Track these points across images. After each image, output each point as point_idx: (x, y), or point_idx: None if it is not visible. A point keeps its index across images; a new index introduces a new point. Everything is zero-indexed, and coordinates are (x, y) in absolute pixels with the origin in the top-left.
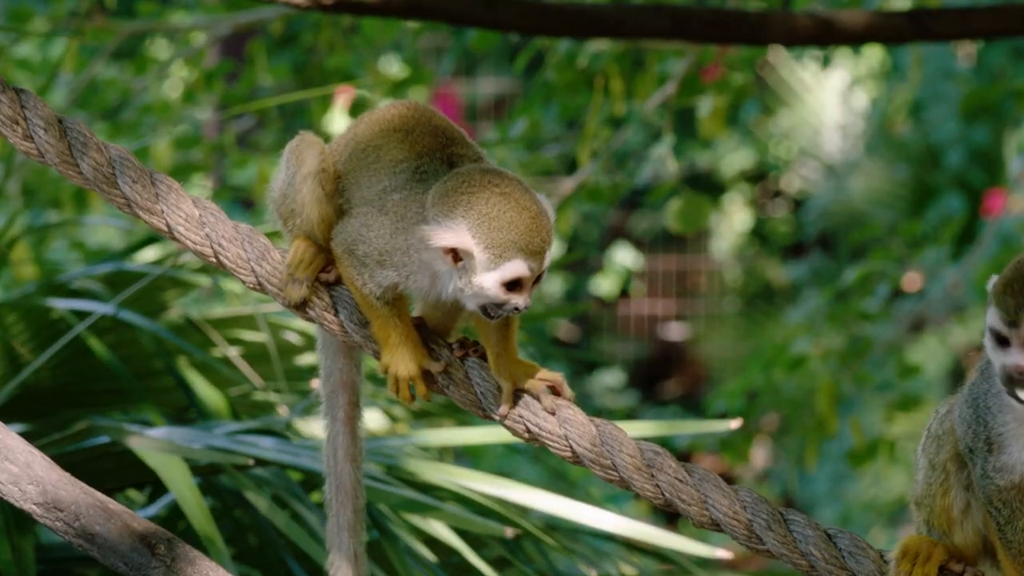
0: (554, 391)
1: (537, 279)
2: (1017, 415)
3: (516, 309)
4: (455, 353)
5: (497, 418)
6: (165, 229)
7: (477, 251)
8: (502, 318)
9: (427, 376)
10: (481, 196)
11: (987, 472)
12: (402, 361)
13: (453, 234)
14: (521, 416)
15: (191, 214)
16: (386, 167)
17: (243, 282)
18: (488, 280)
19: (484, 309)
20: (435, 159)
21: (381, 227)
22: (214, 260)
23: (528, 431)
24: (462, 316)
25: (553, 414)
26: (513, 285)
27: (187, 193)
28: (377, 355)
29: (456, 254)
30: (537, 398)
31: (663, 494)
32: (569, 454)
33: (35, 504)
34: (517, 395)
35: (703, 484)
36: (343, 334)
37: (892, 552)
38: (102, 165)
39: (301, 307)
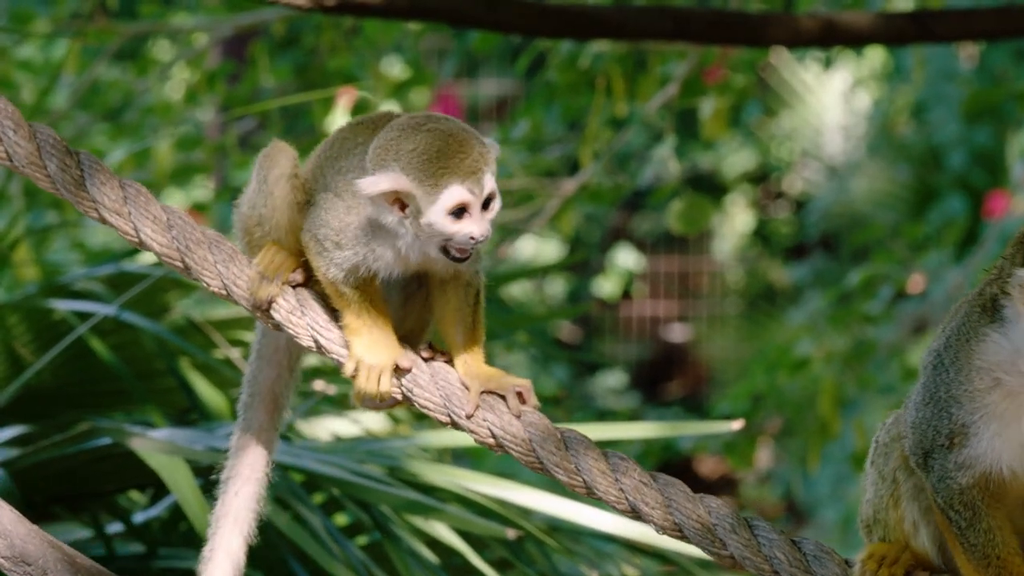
0: (520, 398)
1: (487, 205)
2: (992, 399)
3: (472, 239)
4: (422, 355)
5: (462, 421)
6: (132, 232)
7: (413, 187)
8: (468, 311)
9: (395, 371)
10: (407, 137)
11: (948, 472)
12: (373, 351)
13: (387, 178)
14: (486, 419)
15: (159, 217)
16: (346, 151)
17: (207, 285)
18: (434, 214)
19: (446, 251)
20: None
21: (336, 208)
22: (180, 264)
23: (492, 435)
24: (431, 322)
25: (519, 417)
26: (459, 213)
27: (155, 199)
28: (340, 364)
29: (401, 203)
30: (503, 397)
31: (627, 498)
32: (533, 459)
33: (3, 558)
34: (483, 399)
35: (667, 489)
36: (307, 338)
37: (859, 555)
38: (70, 167)
39: (267, 309)
